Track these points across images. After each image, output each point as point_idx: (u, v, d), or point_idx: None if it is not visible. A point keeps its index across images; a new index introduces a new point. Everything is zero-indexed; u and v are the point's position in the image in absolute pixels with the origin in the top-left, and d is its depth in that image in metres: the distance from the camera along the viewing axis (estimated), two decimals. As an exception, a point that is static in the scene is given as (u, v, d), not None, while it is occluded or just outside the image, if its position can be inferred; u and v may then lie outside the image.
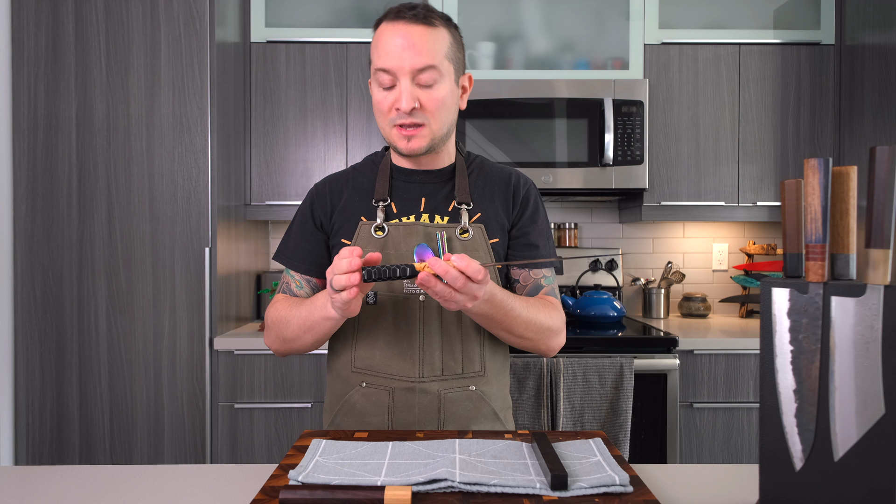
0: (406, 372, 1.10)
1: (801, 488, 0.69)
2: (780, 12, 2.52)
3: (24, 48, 2.09)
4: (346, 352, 1.14)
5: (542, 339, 1.12)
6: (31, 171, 2.09)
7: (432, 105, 1.07)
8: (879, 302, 0.65)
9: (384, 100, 1.08)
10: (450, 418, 1.11)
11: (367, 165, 1.21)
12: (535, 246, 1.17)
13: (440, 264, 0.88)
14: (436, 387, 1.10)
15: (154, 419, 2.11)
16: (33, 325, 2.10)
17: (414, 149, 1.09)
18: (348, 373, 1.14)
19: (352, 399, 1.13)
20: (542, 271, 1.17)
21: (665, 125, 2.46)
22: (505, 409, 1.19)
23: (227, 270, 2.27)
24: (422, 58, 1.04)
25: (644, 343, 2.13)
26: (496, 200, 1.16)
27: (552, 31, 2.49)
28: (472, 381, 1.12)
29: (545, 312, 1.12)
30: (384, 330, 1.11)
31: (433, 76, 1.06)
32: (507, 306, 1.04)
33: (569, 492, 0.76)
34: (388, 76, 1.06)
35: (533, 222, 1.18)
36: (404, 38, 1.04)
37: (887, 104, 2.17)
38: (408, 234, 1.11)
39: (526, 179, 1.21)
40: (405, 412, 1.10)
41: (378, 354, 1.11)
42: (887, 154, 0.64)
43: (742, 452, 2.17)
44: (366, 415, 1.12)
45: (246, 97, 2.43)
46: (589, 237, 2.83)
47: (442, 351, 1.10)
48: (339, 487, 0.74)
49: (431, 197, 1.15)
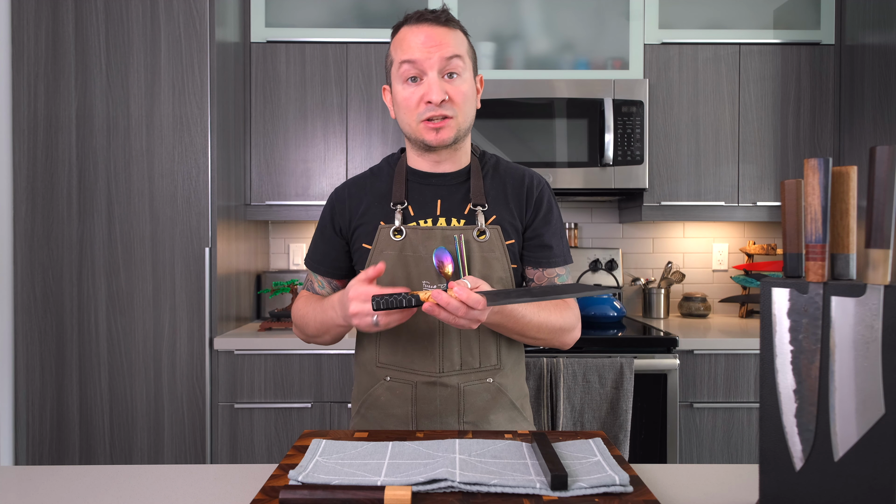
0: (427, 367, 1.14)
1: (801, 488, 0.69)
2: (780, 12, 2.52)
3: (24, 48, 2.09)
4: (371, 348, 1.19)
5: (556, 338, 1.16)
6: (31, 171, 2.09)
7: (459, 97, 1.11)
8: (879, 302, 0.65)
9: (412, 95, 1.11)
10: (469, 409, 1.15)
11: (383, 168, 1.23)
12: (549, 247, 1.19)
13: (443, 296, 0.92)
14: (455, 380, 1.14)
15: (154, 419, 2.11)
16: (33, 325, 2.10)
17: (443, 139, 1.11)
18: (374, 367, 1.18)
19: (376, 392, 1.18)
20: (555, 270, 1.20)
21: (665, 125, 2.46)
22: (522, 398, 1.22)
23: (227, 270, 2.27)
24: (448, 48, 1.10)
25: (644, 343, 2.13)
26: (510, 202, 1.18)
27: (552, 31, 2.49)
28: (490, 374, 1.16)
29: (557, 313, 1.15)
30: (406, 328, 1.14)
31: (459, 65, 1.11)
32: (517, 315, 1.07)
33: (569, 492, 0.76)
34: (415, 69, 1.09)
35: (546, 223, 1.19)
36: (428, 36, 1.09)
37: (887, 104, 2.17)
38: (426, 238, 1.13)
39: (540, 179, 1.22)
40: (427, 404, 1.14)
41: (401, 351, 1.15)
42: (887, 154, 0.64)
43: (742, 452, 2.17)
44: (390, 407, 1.16)
45: (246, 97, 2.43)
46: (589, 237, 2.83)
47: (460, 347, 1.14)
48: (339, 487, 0.74)
49: (447, 199, 1.17)
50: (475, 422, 1.15)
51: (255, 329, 2.34)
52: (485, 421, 1.15)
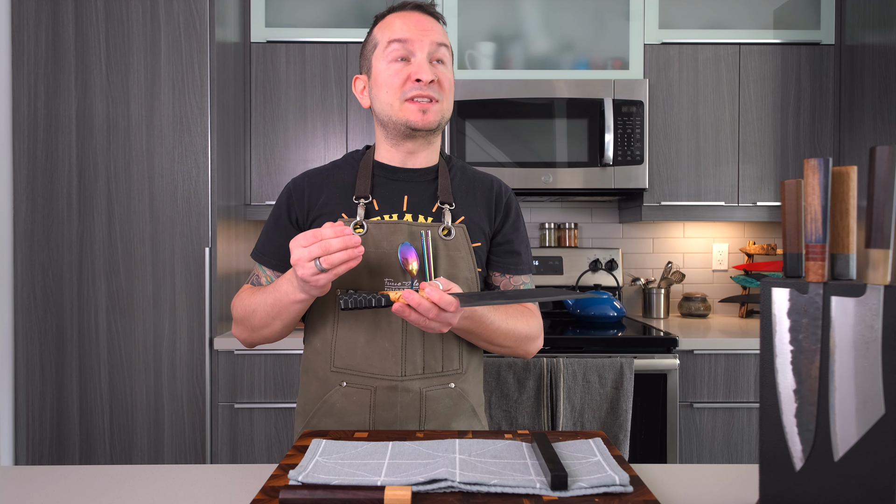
0: (388, 370, 1.08)
1: (801, 488, 0.69)
2: (780, 12, 2.52)
3: (24, 48, 2.09)
4: (325, 351, 1.12)
5: (521, 346, 1.14)
6: (31, 171, 2.09)
7: (446, 83, 1.11)
8: (879, 302, 0.65)
9: (399, 72, 1.08)
10: (431, 416, 1.10)
11: (347, 162, 1.18)
12: (517, 253, 1.18)
13: (414, 297, 0.89)
14: (417, 385, 1.09)
15: (154, 419, 2.11)
16: (33, 325, 2.10)
17: (429, 122, 1.09)
18: (327, 373, 1.11)
19: (331, 399, 1.11)
20: (521, 277, 1.18)
21: (665, 125, 2.46)
22: (480, 406, 1.19)
23: (227, 270, 2.27)
24: (438, 36, 1.09)
25: (644, 343, 2.13)
26: (478, 205, 1.16)
27: (552, 31, 2.49)
28: (452, 378, 1.12)
29: (523, 320, 1.13)
30: (365, 329, 1.09)
31: (447, 55, 1.11)
32: (487, 321, 1.05)
33: (569, 492, 0.76)
34: (405, 49, 1.07)
35: (515, 230, 1.19)
36: (419, 21, 1.09)
37: (887, 104, 2.17)
38: (391, 233, 1.09)
39: (506, 187, 1.21)
40: (386, 411, 1.09)
41: (359, 354, 1.09)
42: (887, 154, 0.64)
43: (742, 452, 2.17)
44: (346, 415, 1.10)
45: (246, 97, 2.43)
46: (589, 237, 2.83)
47: (423, 349, 1.10)
48: (339, 487, 0.74)
49: (414, 195, 1.14)
50: (435, 429, 1.09)
51: (255, 329, 2.33)
52: (445, 428, 1.11)
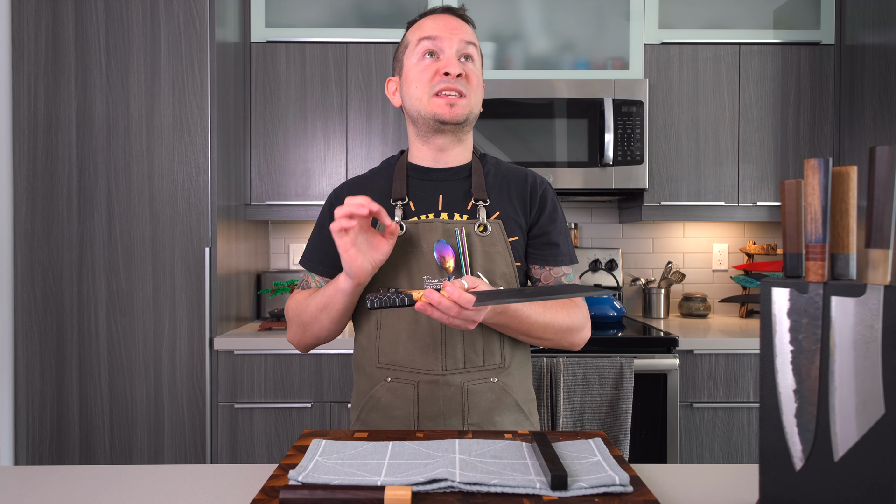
0: (429, 365, 1.11)
1: (801, 488, 0.69)
2: (780, 12, 2.52)
3: (24, 48, 2.09)
4: (370, 349, 1.16)
5: (564, 338, 1.15)
6: (31, 171, 2.09)
7: (474, 78, 1.14)
8: (879, 302, 0.65)
9: (428, 67, 1.13)
10: (473, 409, 1.12)
11: (384, 168, 1.23)
12: (556, 244, 1.18)
13: (434, 295, 0.91)
14: (458, 379, 1.11)
15: (154, 419, 2.11)
16: (33, 325, 2.10)
17: (456, 115, 1.12)
18: (373, 369, 1.15)
19: (377, 394, 1.15)
20: (562, 269, 1.19)
21: (665, 125, 2.46)
22: (528, 402, 1.20)
23: (227, 270, 2.27)
24: (467, 35, 1.14)
25: (644, 343, 2.13)
26: (513, 200, 1.17)
27: (552, 31, 2.49)
28: (494, 372, 1.14)
29: (564, 312, 1.13)
30: (406, 325, 1.12)
31: (475, 52, 1.15)
32: (521, 315, 1.06)
33: (569, 492, 0.76)
34: (434, 45, 1.13)
35: (552, 221, 1.19)
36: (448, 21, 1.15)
37: (887, 104, 2.17)
38: (427, 231, 1.12)
39: (542, 179, 1.22)
40: (430, 405, 1.11)
41: (401, 349, 1.12)
42: (887, 154, 0.64)
43: (742, 452, 2.17)
44: (392, 409, 1.13)
45: (246, 97, 2.43)
46: (589, 237, 2.83)
47: (463, 344, 1.12)
48: (339, 487, 0.74)
49: (449, 194, 1.16)
50: (479, 423, 1.12)
51: (255, 329, 2.34)
52: (489, 422, 1.13)
